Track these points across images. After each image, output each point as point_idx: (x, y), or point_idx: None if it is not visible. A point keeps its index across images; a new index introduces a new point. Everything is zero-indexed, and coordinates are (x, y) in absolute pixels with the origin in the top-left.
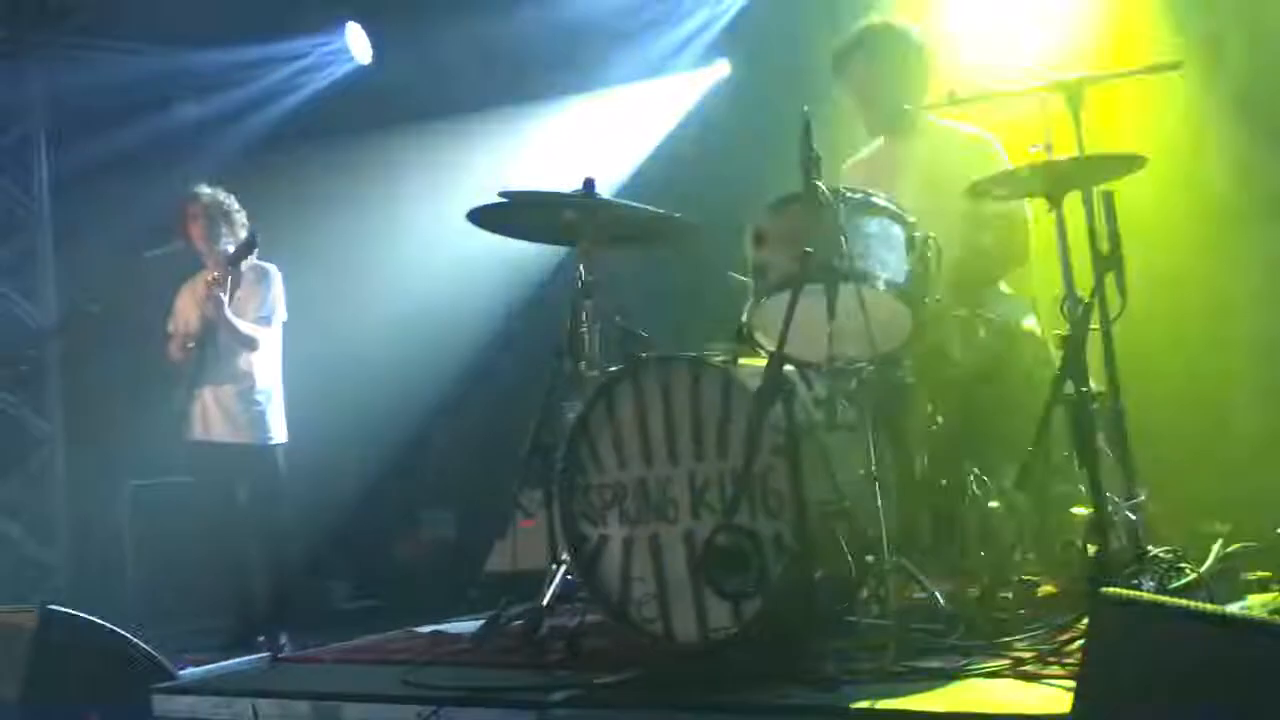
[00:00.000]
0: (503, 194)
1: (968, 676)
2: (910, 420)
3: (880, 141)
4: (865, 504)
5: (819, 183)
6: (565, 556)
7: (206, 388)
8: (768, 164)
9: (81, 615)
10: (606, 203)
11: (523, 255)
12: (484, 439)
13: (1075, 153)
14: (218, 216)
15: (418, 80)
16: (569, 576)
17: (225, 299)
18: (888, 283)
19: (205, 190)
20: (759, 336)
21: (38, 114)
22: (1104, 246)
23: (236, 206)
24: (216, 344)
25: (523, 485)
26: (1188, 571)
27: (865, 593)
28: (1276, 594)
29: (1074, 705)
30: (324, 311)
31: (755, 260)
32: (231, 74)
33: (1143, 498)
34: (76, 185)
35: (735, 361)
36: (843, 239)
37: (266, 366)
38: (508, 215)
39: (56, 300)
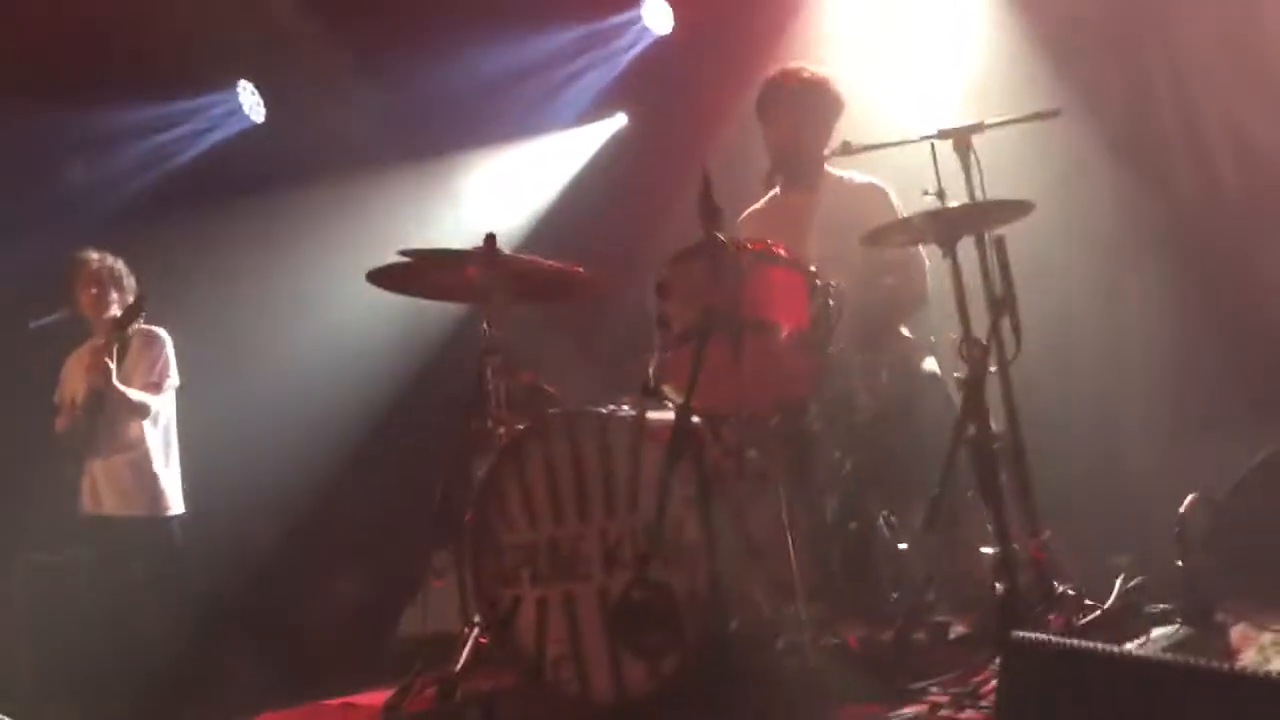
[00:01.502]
0: (402, 252)
1: None
2: (819, 466)
3: (775, 192)
4: (778, 552)
5: (720, 235)
6: (478, 618)
7: (96, 460)
8: (666, 214)
9: None
10: (509, 258)
11: (425, 312)
12: (392, 500)
13: (966, 199)
14: (107, 281)
15: (311, 139)
16: (481, 640)
17: (113, 367)
18: (790, 333)
19: (94, 255)
20: (666, 389)
21: None
22: (998, 289)
23: (125, 271)
24: (106, 415)
25: (433, 546)
26: (1093, 608)
27: (782, 643)
28: (1179, 626)
29: None
30: (223, 375)
31: (659, 312)
32: (121, 134)
33: (1047, 535)
34: None
35: (644, 415)
36: (744, 289)
37: (160, 435)
38: (409, 274)
39: None
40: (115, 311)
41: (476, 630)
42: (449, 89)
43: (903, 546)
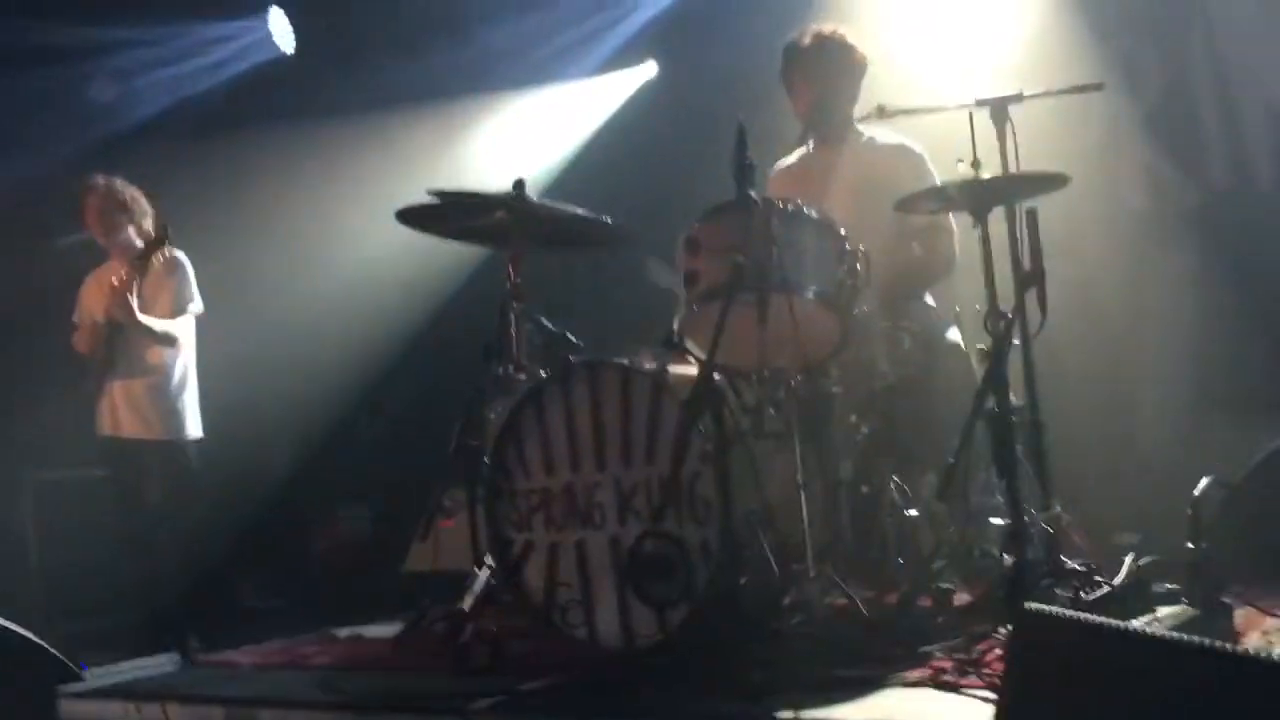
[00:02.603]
0: (432, 193)
1: (889, 686)
2: (836, 430)
3: (807, 148)
4: (790, 512)
5: (753, 193)
6: (489, 560)
7: (116, 382)
8: (695, 166)
9: None
10: (537, 205)
11: (450, 253)
12: (405, 437)
13: (1001, 169)
14: (113, 207)
15: (342, 72)
16: (491, 580)
17: (135, 301)
18: (818, 293)
19: (99, 180)
20: (690, 344)
21: None
22: (1026, 263)
23: (134, 194)
24: (125, 337)
25: (446, 485)
26: (1102, 584)
27: (789, 600)
28: (1184, 606)
29: (994, 716)
30: (244, 302)
31: (687, 268)
32: (150, 55)
33: (1058, 510)
34: None
35: (665, 368)
36: (775, 249)
37: (179, 359)
38: (436, 215)
39: None
40: (129, 235)
41: (487, 571)
42: (483, 30)
43: (912, 513)
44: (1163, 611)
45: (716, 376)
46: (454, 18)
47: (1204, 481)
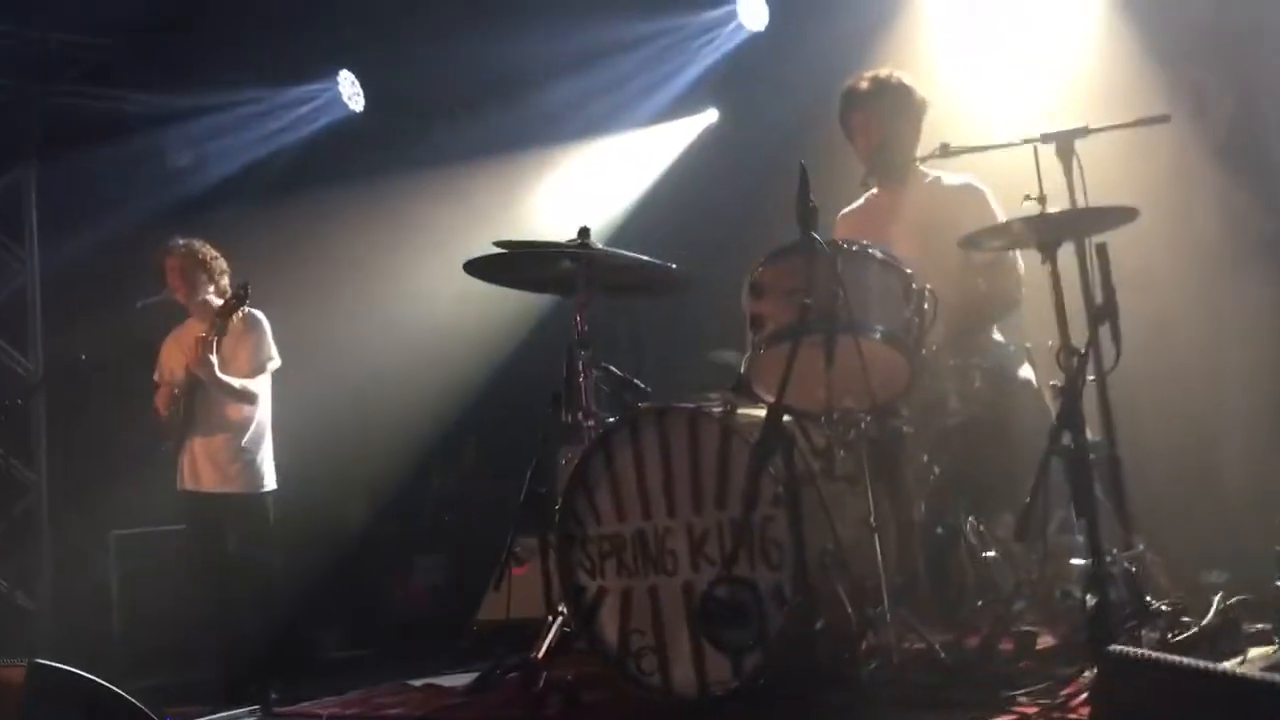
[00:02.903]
0: (498, 244)
1: None
2: (908, 470)
3: (873, 192)
4: (864, 554)
5: (816, 234)
6: (562, 608)
7: (196, 438)
8: (758, 210)
9: (68, 669)
10: (603, 252)
11: (518, 303)
12: (479, 486)
13: (1068, 204)
14: (194, 267)
15: (409, 129)
16: (565, 629)
17: (215, 359)
18: (885, 333)
19: (179, 242)
20: (757, 387)
21: (29, 161)
22: (1098, 297)
23: (213, 254)
24: (205, 394)
25: (517, 534)
26: (1189, 624)
27: (865, 644)
28: (1276, 646)
29: None
30: (319, 356)
31: (753, 311)
32: (225, 120)
33: (1140, 548)
34: (66, 233)
35: (733, 412)
36: (841, 290)
37: (257, 414)
38: (504, 265)
39: (44, 349)
40: (207, 295)
41: (560, 619)
42: (547, 84)
43: (990, 554)
44: (1254, 652)
45: (785, 419)
46: (517, 73)
47: None
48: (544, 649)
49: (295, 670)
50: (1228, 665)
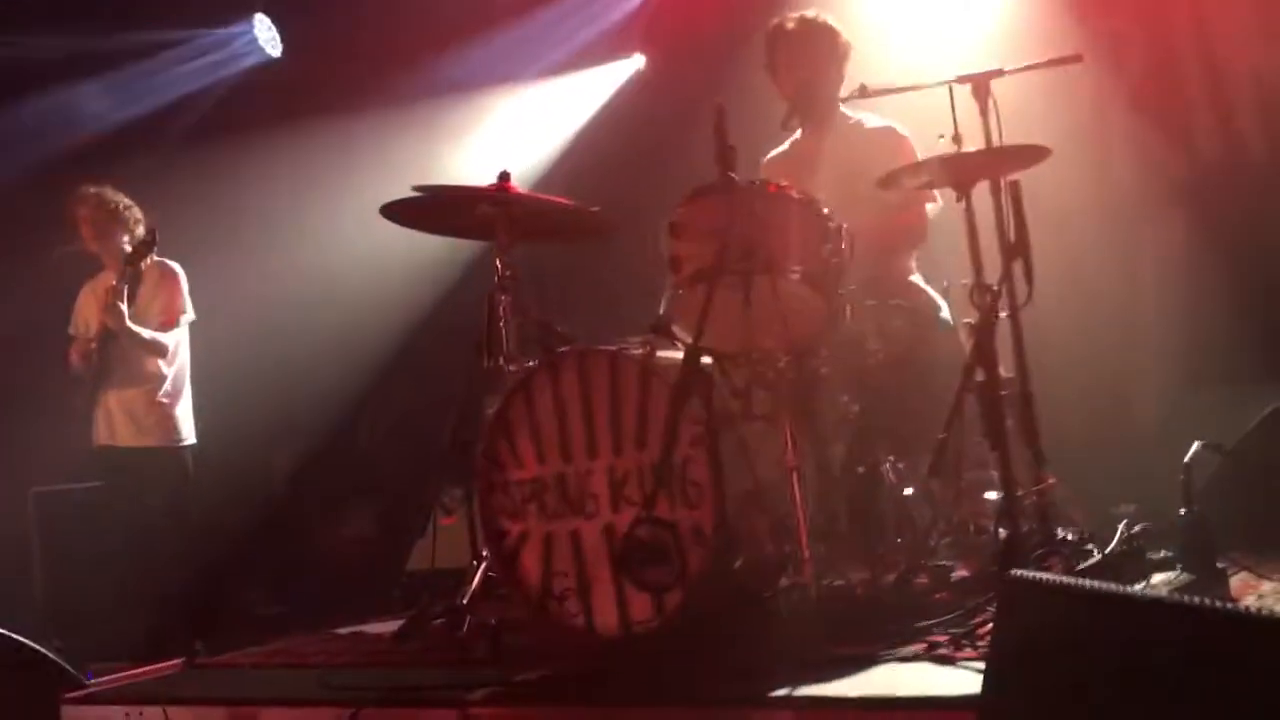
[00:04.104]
0: (417, 188)
1: (884, 662)
2: (827, 410)
3: (798, 135)
4: (783, 493)
5: (734, 174)
6: (485, 553)
7: (110, 391)
8: (681, 157)
9: None
10: (522, 197)
11: (439, 249)
12: (404, 436)
13: (983, 144)
14: (105, 217)
15: (327, 74)
16: (489, 573)
17: (125, 309)
18: (802, 273)
19: (90, 190)
20: (676, 328)
21: None
22: (1011, 235)
23: (126, 203)
24: (119, 347)
25: (443, 483)
26: (1094, 553)
27: (784, 581)
28: (1178, 571)
29: (984, 685)
30: (238, 307)
31: (671, 252)
32: (137, 64)
33: (1052, 482)
34: None
35: (653, 354)
36: (758, 230)
37: (173, 367)
38: (422, 210)
39: None
40: (122, 243)
41: (484, 564)
42: (467, 27)
43: (908, 492)
44: (1157, 578)
45: (704, 360)
46: (439, 20)
47: (1195, 446)
48: (468, 594)
49: (221, 623)
50: (1121, 586)
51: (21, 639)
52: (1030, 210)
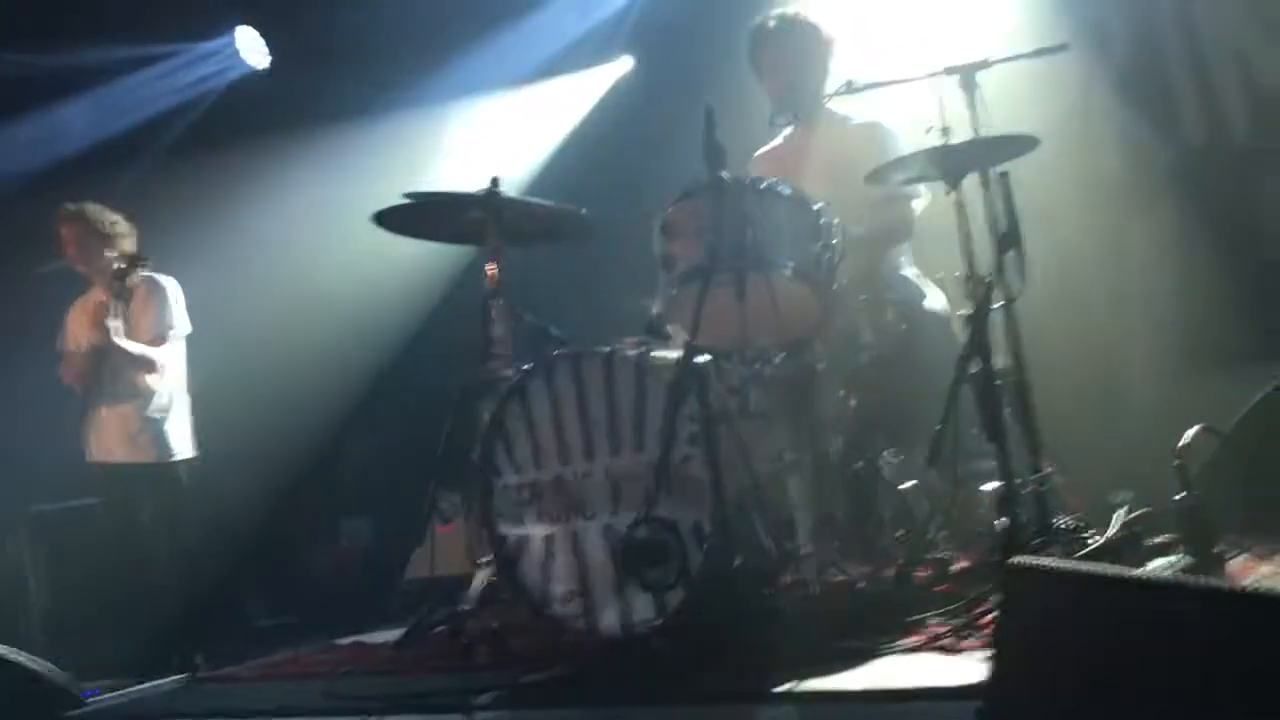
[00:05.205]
0: (407, 195)
1: (888, 654)
2: (823, 405)
3: (787, 131)
4: (782, 490)
5: (724, 173)
6: (486, 558)
7: (101, 408)
8: (673, 158)
9: None
10: (512, 201)
11: (430, 256)
12: (400, 444)
13: (971, 136)
14: (87, 234)
15: (315, 83)
16: (491, 578)
17: (116, 325)
18: (795, 269)
19: (71, 207)
20: (671, 328)
21: None
22: (1002, 225)
23: (111, 219)
24: (110, 363)
25: (439, 489)
26: (1092, 540)
27: (786, 578)
28: (1179, 556)
29: (989, 674)
30: (230, 321)
31: (664, 252)
32: (123, 80)
33: (1049, 470)
34: None
35: (648, 354)
36: (749, 228)
37: (166, 382)
38: (413, 216)
39: None
40: (109, 261)
41: (485, 569)
42: (453, 33)
43: (906, 485)
44: (1156, 563)
45: (700, 358)
46: (427, 26)
47: (1191, 430)
48: (470, 600)
49: (223, 638)
50: (1121, 569)
51: (18, 657)
52: (1021, 201)
